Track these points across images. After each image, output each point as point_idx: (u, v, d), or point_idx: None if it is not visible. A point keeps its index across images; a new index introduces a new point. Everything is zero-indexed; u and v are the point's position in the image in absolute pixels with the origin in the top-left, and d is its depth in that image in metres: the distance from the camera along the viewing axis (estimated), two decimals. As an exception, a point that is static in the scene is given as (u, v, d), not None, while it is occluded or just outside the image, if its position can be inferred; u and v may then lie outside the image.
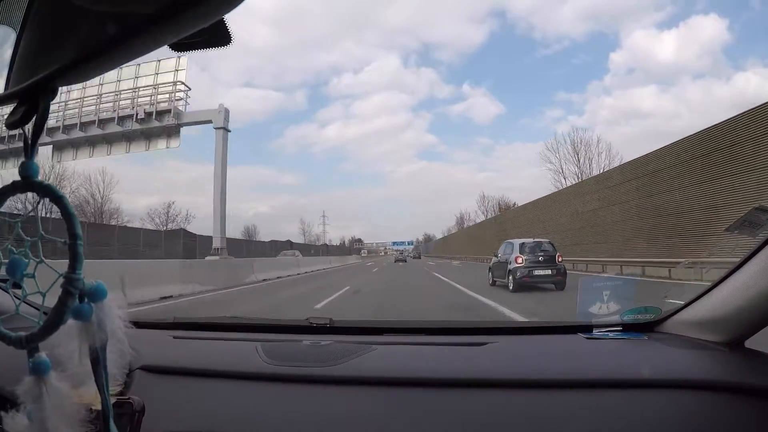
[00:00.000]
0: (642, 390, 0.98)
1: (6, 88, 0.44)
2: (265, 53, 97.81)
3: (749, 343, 1.05)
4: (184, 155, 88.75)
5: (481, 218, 57.83)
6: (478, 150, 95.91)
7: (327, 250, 56.19)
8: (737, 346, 1.06)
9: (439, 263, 35.14)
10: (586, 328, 1.27)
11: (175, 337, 1.39)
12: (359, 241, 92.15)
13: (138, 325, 1.58)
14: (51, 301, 0.43)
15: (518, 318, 6.43)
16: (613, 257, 17.30)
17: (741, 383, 0.95)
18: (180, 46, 0.63)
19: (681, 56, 55.41)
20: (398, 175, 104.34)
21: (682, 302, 1.20)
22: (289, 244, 39.37)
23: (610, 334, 1.23)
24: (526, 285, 10.28)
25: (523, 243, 11.11)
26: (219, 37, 0.38)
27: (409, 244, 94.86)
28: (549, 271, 10.48)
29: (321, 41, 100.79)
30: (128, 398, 0.78)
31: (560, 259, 10.81)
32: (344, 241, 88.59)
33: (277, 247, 37.28)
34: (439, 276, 17.53)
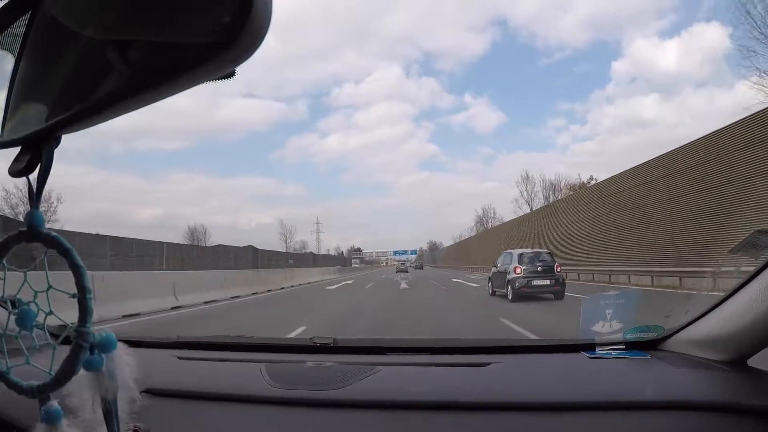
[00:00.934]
0: (645, 412, 0.98)
1: (1, 130, 0.43)
2: (266, 63, 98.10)
3: (752, 362, 1.05)
4: (187, 165, 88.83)
5: (523, 210, 45.48)
6: (480, 160, 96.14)
7: (313, 259, 51.49)
8: (740, 365, 1.05)
9: (478, 280, 19.54)
10: (589, 347, 1.27)
11: (179, 358, 1.38)
12: (358, 250, 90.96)
13: (142, 344, 1.61)
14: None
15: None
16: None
17: (743, 404, 0.95)
18: None
19: (683, 65, 55.54)
20: (400, 186, 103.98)
21: (684, 321, 1.20)
22: (252, 251, 29.51)
23: (613, 353, 1.23)
24: (524, 295, 10.28)
25: (521, 253, 11.15)
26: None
27: (412, 253, 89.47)
28: (547, 281, 10.52)
29: (322, 51, 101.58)
30: (134, 427, 0.78)
31: (559, 269, 10.87)
32: (342, 251, 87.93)
33: (228, 255, 26.42)
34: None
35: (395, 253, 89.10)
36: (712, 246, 12.15)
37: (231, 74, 0.36)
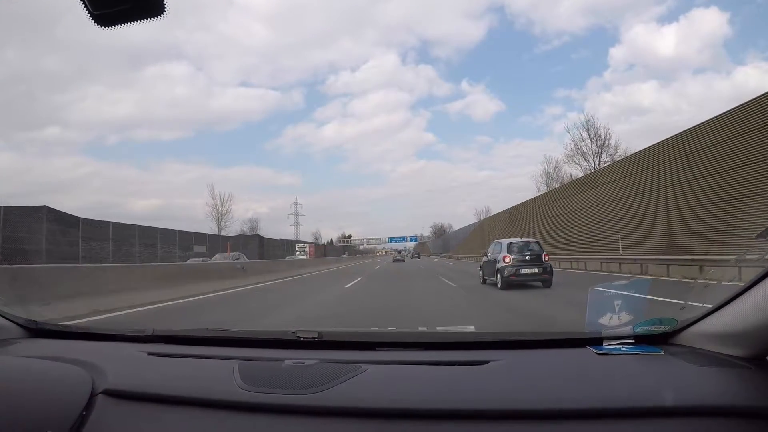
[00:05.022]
0: (663, 419, 0.88)
1: None
2: (262, 52, 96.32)
3: None
4: (183, 155, 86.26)
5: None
6: (477, 148, 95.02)
7: (260, 248, 33.47)
8: (762, 362, 0.97)
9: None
10: (596, 341, 1.17)
11: (149, 354, 1.28)
12: (348, 238, 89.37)
13: (111, 337, 1.49)
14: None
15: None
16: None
17: None
18: (105, 19, 0.50)
19: (681, 51, 54.42)
20: (397, 175, 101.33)
21: (701, 313, 1.11)
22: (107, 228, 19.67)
23: (623, 348, 1.14)
24: (513, 283, 10.39)
25: (510, 243, 11.27)
26: (148, 5, 0.31)
27: (411, 240, 79.46)
28: (535, 270, 10.64)
29: (318, 39, 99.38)
30: None
31: (546, 258, 10.98)
32: (331, 239, 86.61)
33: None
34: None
35: (391, 240, 78.05)
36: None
37: (158, 11, 0.32)
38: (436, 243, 77.47)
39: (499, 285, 10.62)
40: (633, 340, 1.16)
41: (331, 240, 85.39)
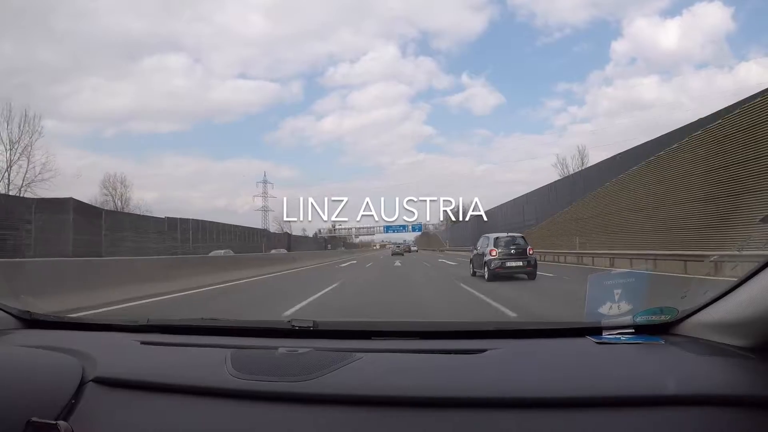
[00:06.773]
0: (663, 408, 0.87)
1: None
2: (260, 43, 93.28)
3: None
4: (181, 148, 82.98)
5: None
6: (476, 142, 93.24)
7: None
8: (764, 351, 0.97)
9: None
10: (595, 330, 1.17)
11: (142, 343, 1.26)
12: (335, 229, 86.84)
13: (105, 327, 1.46)
14: None
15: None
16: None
17: None
18: None
19: (683, 45, 53.33)
20: (396, 168, 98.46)
21: (702, 302, 1.11)
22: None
23: (622, 338, 1.13)
24: (499, 275, 10.79)
25: (497, 237, 11.68)
26: None
27: (415, 229, 64.97)
28: (520, 263, 11.10)
29: (317, 30, 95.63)
30: (54, 423, 0.72)
31: (531, 252, 11.44)
32: (319, 230, 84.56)
33: None
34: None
35: (388, 229, 59.38)
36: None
37: None
38: (455, 232, 54.56)
39: (486, 277, 11.02)
40: (633, 330, 1.15)
41: (319, 230, 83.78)
